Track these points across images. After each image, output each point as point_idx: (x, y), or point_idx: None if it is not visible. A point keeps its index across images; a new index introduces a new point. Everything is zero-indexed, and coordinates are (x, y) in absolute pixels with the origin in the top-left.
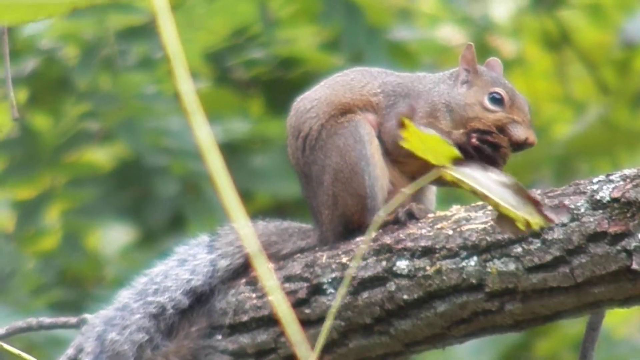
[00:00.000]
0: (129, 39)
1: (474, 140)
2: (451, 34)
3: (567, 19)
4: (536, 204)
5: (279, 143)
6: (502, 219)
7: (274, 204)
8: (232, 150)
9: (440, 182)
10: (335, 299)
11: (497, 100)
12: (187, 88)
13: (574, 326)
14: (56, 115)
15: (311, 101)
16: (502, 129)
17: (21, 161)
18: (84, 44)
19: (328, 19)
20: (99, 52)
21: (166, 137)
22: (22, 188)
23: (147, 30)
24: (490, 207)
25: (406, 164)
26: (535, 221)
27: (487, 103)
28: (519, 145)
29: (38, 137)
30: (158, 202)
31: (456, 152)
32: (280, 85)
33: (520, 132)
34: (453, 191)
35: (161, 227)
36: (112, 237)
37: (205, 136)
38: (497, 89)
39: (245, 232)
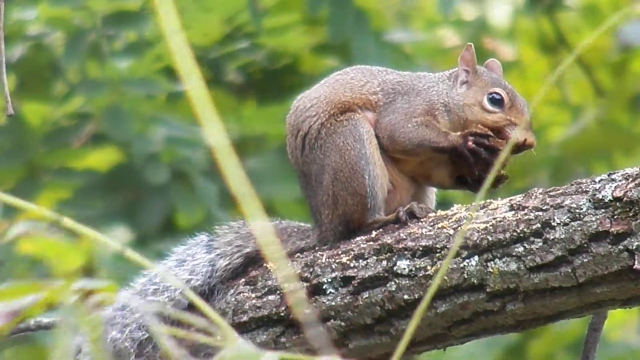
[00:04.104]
0: (117, 25)
1: (470, 143)
2: (447, 36)
3: (564, 21)
4: None
5: (273, 146)
6: None
7: (268, 204)
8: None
9: (441, 185)
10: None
11: (496, 100)
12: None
13: (568, 327)
14: (46, 102)
15: (311, 100)
16: (500, 130)
17: (9, 149)
18: (72, 29)
19: (316, 6)
20: (87, 37)
21: (155, 124)
22: (9, 177)
23: (136, 15)
24: (491, 207)
25: (403, 162)
26: None
27: (486, 104)
28: (518, 148)
29: (26, 125)
30: (150, 200)
31: None
32: (271, 81)
33: (518, 134)
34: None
35: (154, 230)
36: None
37: (218, 138)
38: (497, 90)
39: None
